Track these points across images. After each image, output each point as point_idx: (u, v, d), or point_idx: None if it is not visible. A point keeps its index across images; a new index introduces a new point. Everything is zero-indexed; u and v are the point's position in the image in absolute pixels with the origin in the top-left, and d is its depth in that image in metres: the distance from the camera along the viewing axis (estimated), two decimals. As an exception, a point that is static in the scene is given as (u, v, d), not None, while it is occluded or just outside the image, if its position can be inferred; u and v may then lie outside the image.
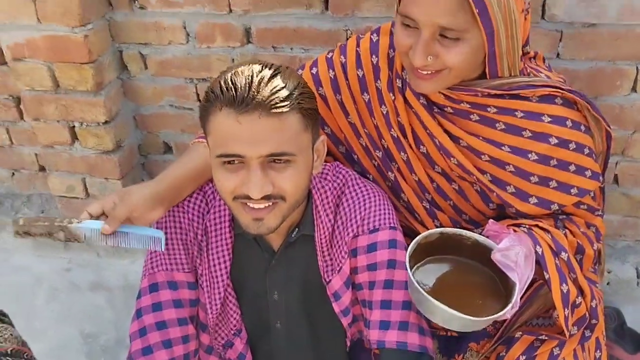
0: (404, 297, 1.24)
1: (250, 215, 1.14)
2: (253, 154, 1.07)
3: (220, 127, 1.08)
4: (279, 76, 1.08)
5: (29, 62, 1.89)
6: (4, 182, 2.42)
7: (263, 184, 1.08)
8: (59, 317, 2.09)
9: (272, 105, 1.04)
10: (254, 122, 1.04)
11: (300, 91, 1.09)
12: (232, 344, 1.39)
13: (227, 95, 1.05)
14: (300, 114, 1.09)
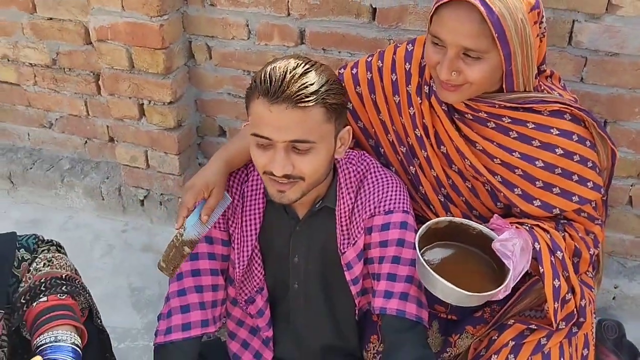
0: (408, 272, 1.40)
1: (275, 187, 1.32)
2: (279, 139, 1.25)
3: (256, 112, 1.26)
4: (310, 73, 1.24)
5: (111, 44, 2.15)
6: (77, 148, 2.70)
7: (284, 165, 1.26)
8: (112, 271, 2.35)
9: (299, 99, 1.21)
10: (282, 112, 1.22)
11: (327, 88, 1.25)
12: (253, 300, 1.55)
13: (263, 86, 1.23)
14: (325, 108, 1.25)
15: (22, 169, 2.67)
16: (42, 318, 1.27)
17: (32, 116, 2.67)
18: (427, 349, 1.40)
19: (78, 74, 2.45)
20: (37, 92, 2.58)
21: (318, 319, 1.57)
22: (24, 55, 2.48)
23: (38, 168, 2.67)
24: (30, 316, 1.28)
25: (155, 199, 2.49)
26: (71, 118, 2.60)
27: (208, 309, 1.51)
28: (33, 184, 2.68)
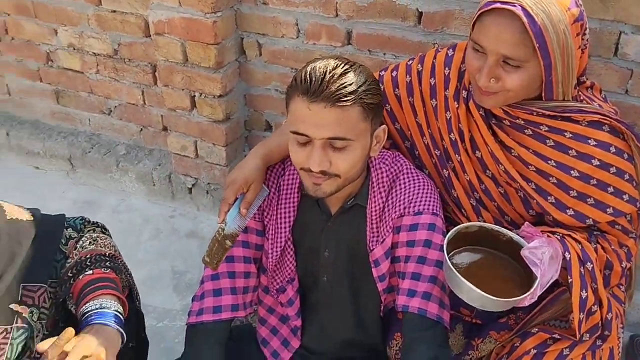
0: (432, 272, 1.42)
1: (311, 180, 1.37)
2: (317, 136, 1.30)
3: (295, 110, 1.32)
4: (349, 73, 1.29)
5: (167, 37, 2.26)
6: (133, 135, 2.83)
7: (321, 161, 1.31)
8: (157, 254, 2.46)
9: (337, 99, 1.26)
10: (321, 110, 1.27)
11: (365, 88, 1.30)
12: (284, 289, 1.61)
13: (303, 85, 1.29)
14: (362, 107, 1.30)
15: (81, 152, 2.83)
16: (87, 288, 1.36)
17: (93, 103, 2.82)
18: (445, 348, 1.42)
19: (137, 65, 2.58)
20: (99, 80, 2.73)
21: (343, 312, 1.61)
22: (88, 44, 2.62)
23: (96, 152, 2.82)
24: (77, 288, 1.38)
25: (203, 187, 2.60)
26: (129, 106, 2.73)
27: (239, 295, 1.58)
28: (91, 167, 2.83)
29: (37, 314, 1.35)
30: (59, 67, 2.78)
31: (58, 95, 2.88)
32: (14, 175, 2.92)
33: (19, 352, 1.30)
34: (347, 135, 1.30)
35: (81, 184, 2.88)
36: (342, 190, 1.42)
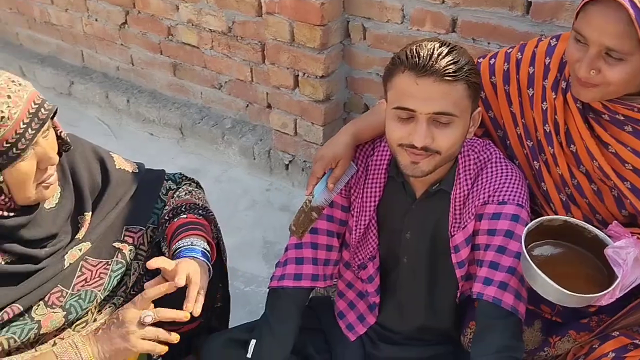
0: (511, 263, 1.41)
1: (409, 159, 1.39)
2: (423, 110, 1.32)
3: (400, 86, 1.35)
4: (453, 53, 1.32)
5: (277, 17, 2.35)
6: (240, 110, 2.97)
7: (426, 137, 1.33)
8: (252, 223, 2.59)
9: (445, 73, 1.29)
10: (429, 85, 1.30)
11: (469, 67, 1.33)
12: (365, 266, 1.66)
13: (411, 61, 1.32)
14: (467, 85, 1.32)
15: (191, 123, 3.01)
16: (180, 229, 1.49)
17: (206, 77, 2.98)
18: (517, 340, 1.40)
19: (248, 43, 2.70)
20: (213, 56, 2.88)
21: (419, 295, 1.63)
22: (205, 21, 2.78)
23: (205, 124, 2.99)
24: (171, 229, 1.51)
25: (299, 164, 2.69)
26: (238, 82, 2.87)
27: (320, 266, 1.65)
28: (199, 137, 3.01)
29: (134, 253, 1.50)
30: (178, 42, 2.96)
31: (175, 68, 3.08)
32: (131, 139, 3.16)
33: (115, 284, 1.44)
34: (453, 110, 1.32)
35: (189, 152, 3.07)
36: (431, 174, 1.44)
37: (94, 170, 1.47)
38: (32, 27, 3.58)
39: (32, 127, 1.19)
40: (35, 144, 1.22)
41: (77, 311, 1.37)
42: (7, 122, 1.16)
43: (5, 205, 1.23)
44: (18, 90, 1.20)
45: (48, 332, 1.31)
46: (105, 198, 1.47)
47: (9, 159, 1.18)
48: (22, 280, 1.29)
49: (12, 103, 1.17)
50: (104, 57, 3.35)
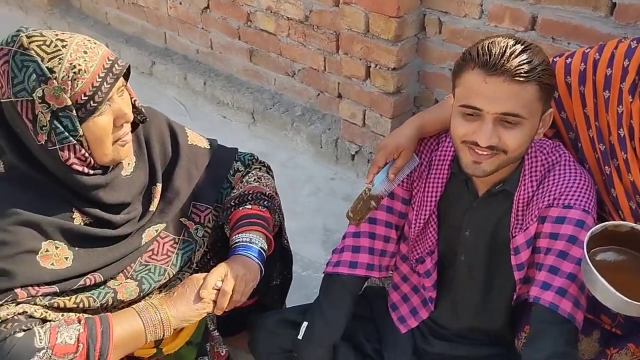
0: (572, 270, 1.37)
1: (472, 157, 1.36)
2: (490, 110, 1.29)
3: (468, 83, 1.32)
4: (527, 52, 1.28)
5: (354, 7, 2.36)
6: (310, 99, 3.01)
7: (491, 136, 1.31)
8: (314, 210, 2.63)
9: (517, 74, 1.26)
10: (498, 84, 1.27)
11: (543, 67, 1.29)
12: (423, 260, 1.65)
13: (482, 58, 1.29)
14: (539, 86, 1.28)
15: (263, 108, 3.08)
16: (243, 221, 1.53)
17: (281, 64, 3.04)
18: (571, 348, 1.37)
19: (323, 32, 2.73)
20: (288, 44, 2.93)
21: (474, 294, 1.61)
22: (283, 9, 2.83)
23: (276, 110, 3.05)
24: (235, 217, 1.56)
25: (365, 155, 2.70)
26: (311, 71, 2.91)
27: (376, 256, 1.66)
28: (269, 122, 3.07)
29: (201, 231, 1.55)
30: (256, 28, 3.03)
31: (251, 54, 3.15)
32: (206, 121, 3.27)
33: (183, 261, 1.51)
34: (521, 112, 1.29)
35: (259, 136, 3.13)
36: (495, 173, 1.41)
37: (166, 143, 1.54)
38: (121, 7, 3.74)
39: (107, 82, 1.26)
40: (111, 100, 1.28)
41: (150, 284, 1.43)
42: (84, 75, 1.23)
43: (85, 160, 1.30)
44: (93, 47, 1.27)
45: (124, 299, 1.38)
46: (177, 172, 1.52)
47: (87, 112, 1.25)
48: (100, 244, 1.36)
49: (88, 58, 1.24)
50: (185, 39, 3.46)
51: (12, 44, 1.23)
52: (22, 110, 1.23)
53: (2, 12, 4.52)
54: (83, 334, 1.23)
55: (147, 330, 1.31)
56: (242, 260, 1.45)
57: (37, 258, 1.27)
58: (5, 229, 1.25)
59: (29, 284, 1.24)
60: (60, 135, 1.24)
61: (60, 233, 1.30)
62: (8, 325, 1.20)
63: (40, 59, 1.21)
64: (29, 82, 1.21)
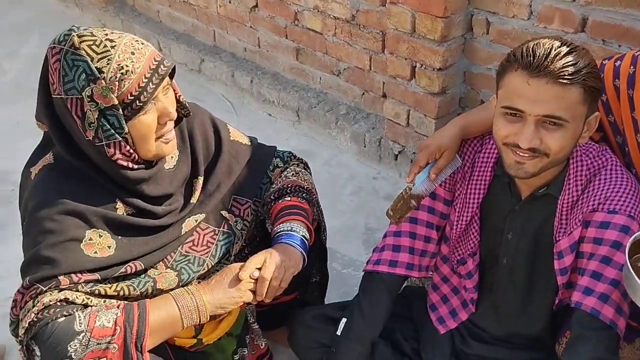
0: (615, 275, 1.35)
1: (514, 158, 1.35)
2: (532, 112, 1.28)
3: (511, 84, 1.31)
4: (573, 54, 1.26)
5: (400, 7, 2.37)
6: (355, 98, 3.02)
7: (532, 138, 1.30)
8: (355, 208, 2.64)
9: (560, 76, 1.24)
10: (541, 86, 1.26)
11: (588, 70, 1.27)
12: (465, 261, 1.65)
13: (525, 59, 1.28)
14: (583, 89, 1.27)
15: (308, 106, 3.11)
16: (284, 212, 1.57)
17: (326, 63, 3.06)
18: (611, 355, 1.35)
19: (369, 32, 2.74)
20: (334, 43, 2.95)
21: (515, 298, 1.60)
22: (330, 8, 2.85)
23: (320, 108, 3.07)
24: (275, 209, 1.59)
25: (408, 155, 2.70)
26: (356, 70, 2.92)
27: (416, 256, 1.67)
28: (313, 121, 3.10)
29: (240, 224, 1.59)
30: (303, 27, 3.06)
31: (298, 53, 3.18)
32: (251, 118, 3.32)
33: (221, 253, 1.55)
34: (564, 115, 1.27)
35: (303, 134, 3.17)
36: (538, 176, 1.40)
37: (209, 138, 1.58)
38: (172, 5, 3.83)
39: (152, 82, 1.31)
40: (156, 99, 1.33)
41: (189, 274, 1.48)
42: (131, 75, 1.28)
43: (130, 156, 1.35)
44: (140, 48, 1.32)
45: (163, 288, 1.43)
46: (219, 167, 1.57)
47: (132, 111, 1.30)
48: (142, 234, 1.41)
49: (135, 59, 1.29)
50: (234, 37, 3.53)
51: (64, 43, 1.29)
52: (71, 107, 1.29)
53: (60, 9, 4.69)
54: (120, 317, 1.27)
55: (182, 315, 1.35)
56: (282, 248, 1.48)
57: (81, 246, 1.32)
58: (52, 217, 1.31)
59: (72, 271, 1.29)
60: (106, 132, 1.30)
61: (104, 222, 1.36)
62: (50, 311, 1.25)
63: (90, 59, 1.26)
64: (79, 81, 1.26)
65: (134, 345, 1.26)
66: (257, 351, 1.76)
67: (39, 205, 1.33)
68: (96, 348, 1.24)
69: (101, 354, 1.24)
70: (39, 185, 1.37)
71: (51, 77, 1.31)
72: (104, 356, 1.25)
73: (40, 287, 1.27)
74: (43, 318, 1.24)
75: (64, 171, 1.37)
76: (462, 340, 1.72)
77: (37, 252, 1.30)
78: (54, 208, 1.31)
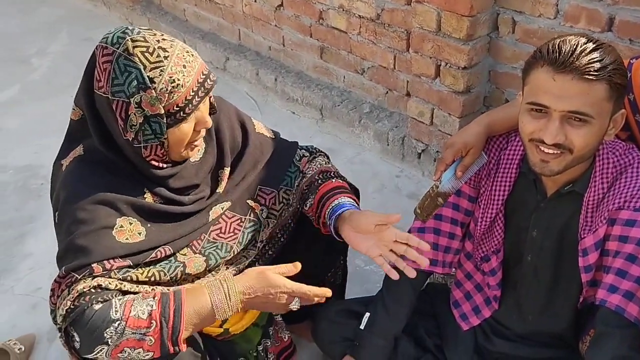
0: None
1: (539, 156, 1.36)
2: (557, 107, 1.29)
3: (536, 80, 1.32)
4: (599, 50, 1.27)
5: (426, 6, 2.38)
6: (379, 96, 3.04)
7: (557, 134, 1.30)
8: (378, 206, 2.65)
9: (586, 71, 1.25)
10: (566, 82, 1.26)
11: (614, 67, 1.27)
12: (489, 258, 1.65)
13: (551, 56, 1.29)
14: (608, 86, 1.27)
15: (331, 105, 3.13)
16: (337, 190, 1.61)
17: (350, 62, 3.08)
18: (635, 353, 1.34)
19: (394, 30, 2.75)
20: (359, 42, 2.97)
21: (539, 295, 1.60)
22: (355, 7, 2.87)
23: (344, 107, 3.09)
24: (327, 187, 1.62)
25: (431, 154, 2.70)
26: (380, 69, 2.93)
27: (440, 252, 1.68)
28: (337, 119, 3.12)
29: (266, 212, 1.63)
30: (328, 26, 3.08)
31: (322, 51, 3.20)
32: (275, 116, 3.35)
33: (248, 240, 1.58)
34: (589, 111, 1.28)
35: (326, 132, 3.19)
36: (564, 173, 1.41)
37: (235, 131, 1.62)
38: (198, 4, 3.88)
39: (198, 95, 1.35)
40: (197, 109, 1.37)
41: (216, 259, 1.52)
42: (181, 89, 1.32)
43: (162, 158, 1.40)
44: (191, 61, 1.35)
45: (191, 272, 1.46)
46: (245, 158, 1.61)
47: (175, 120, 1.35)
48: (171, 220, 1.45)
49: (186, 72, 1.33)
50: (258, 36, 3.56)
51: (117, 46, 1.31)
52: (116, 108, 1.32)
53: (88, 7, 4.78)
54: (156, 311, 1.30)
55: (216, 311, 1.37)
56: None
57: (112, 233, 1.36)
58: (84, 207, 1.34)
59: (105, 259, 1.33)
60: (147, 137, 1.34)
61: (134, 210, 1.40)
62: (86, 297, 1.28)
63: (143, 67, 1.29)
64: (129, 87, 1.29)
65: (170, 340, 1.30)
66: (280, 343, 1.79)
67: (70, 196, 1.37)
68: (131, 337, 1.27)
69: (136, 344, 1.28)
70: (70, 176, 1.41)
71: (98, 75, 1.33)
72: (140, 346, 1.28)
73: (75, 275, 1.30)
74: (79, 305, 1.27)
75: (94, 163, 1.41)
76: (485, 337, 1.72)
77: (71, 242, 1.34)
78: (85, 198, 1.35)
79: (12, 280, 2.36)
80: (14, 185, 2.90)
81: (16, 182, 2.93)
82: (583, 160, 1.39)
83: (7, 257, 2.48)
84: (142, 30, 1.34)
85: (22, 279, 2.37)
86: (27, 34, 4.42)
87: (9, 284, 2.34)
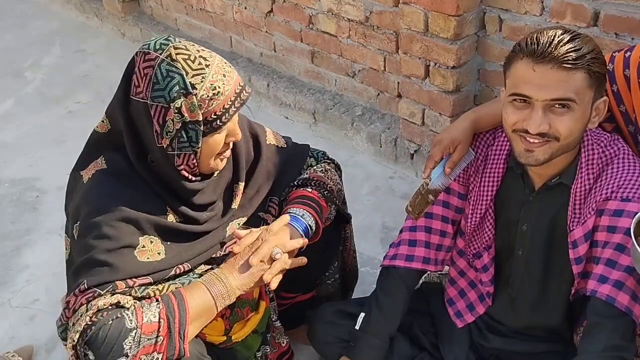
0: (630, 263, 1.35)
1: (523, 145, 1.38)
2: (539, 97, 1.31)
3: (517, 72, 1.35)
4: (576, 40, 1.30)
5: (413, 7, 2.39)
6: (370, 99, 3.05)
7: (541, 123, 1.32)
8: (372, 207, 2.66)
9: (564, 61, 1.28)
10: (546, 72, 1.29)
11: (592, 56, 1.30)
12: (480, 255, 1.66)
13: (530, 47, 1.32)
14: (587, 74, 1.30)
15: (324, 109, 3.14)
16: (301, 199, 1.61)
17: (341, 65, 3.09)
18: (628, 342, 1.36)
19: (383, 32, 2.76)
20: (349, 45, 2.98)
21: (532, 289, 1.61)
22: (344, 11, 2.88)
23: (336, 110, 3.11)
24: (295, 194, 1.63)
25: (424, 154, 2.72)
26: (371, 71, 2.95)
27: (432, 250, 1.69)
28: (330, 122, 3.13)
29: None
30: (318, 30, 3.09)
31: (313, 56, 3.22)
32: (268, 121, 3.31)
33: None
34: (571, 95, 1.30)
35: (319, 136, 3.20)
36: (550, 166, 1.42)
37: (249, 144, 1.63)
38: (189, 13, 3.90)
39: (234, 105, 1.37)
40: (231, 119, 1.39)
41: None
42: (220, 97, 1.34)
43: (192, 169, 1.41)
44: (229, 71, 1.38)
45: None
46: (258, 170, 1.62)
47: (211, 129, 1.36)
48: (189, 239, 1.46)
49: (225, 81, 1.35)
50: (250, 43, 3.58)
51: (160, 52, 1.32)
52: (154, 113, 1.33)
53: (80, 20, 4.80)
54: (162, 310, 1.31)
55: (216, 301, 1.38)
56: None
57: (135, 253, 1.36)
58: (109, 223, 1.34)
59: (129, 277, 1.33)
60: (182, 144, 1.35)
61: (155, 229, 1.40)
62: (104, 314, 1.27)
63: (185, 73, 1.31)
64: (171, 91, 1.31)
65: (177, 334, 1.30)
66: (278, 349, 1.79)
67: (95, 210, 1.36)
68: (147, 344, 1.27)
69: (150, 349, 1.28)
70: (94, 189, 1.40)
71: (136, 80, 1.34)
72: (154, 350, 1.28)
73: (98, 290, 1.29)
74: (97, 321, 1.26)
75: (118, 177, 1.40)
76: (480, 333, 1.73)
77: (92, 256, 1.33)
78: (110, 214, 1.35)
79: (9, 292, 2.37)
80: (10, 198, 2.91)
81: (12, 195, 2.93)
82: (569, 149, 1.40)
83: (4, 269, 2.48)
84: (182, 40, 1.37)
85: (19, 291, 2.37)
86: (22, 47, 4.43)
87: (6, 297, 2.35)
